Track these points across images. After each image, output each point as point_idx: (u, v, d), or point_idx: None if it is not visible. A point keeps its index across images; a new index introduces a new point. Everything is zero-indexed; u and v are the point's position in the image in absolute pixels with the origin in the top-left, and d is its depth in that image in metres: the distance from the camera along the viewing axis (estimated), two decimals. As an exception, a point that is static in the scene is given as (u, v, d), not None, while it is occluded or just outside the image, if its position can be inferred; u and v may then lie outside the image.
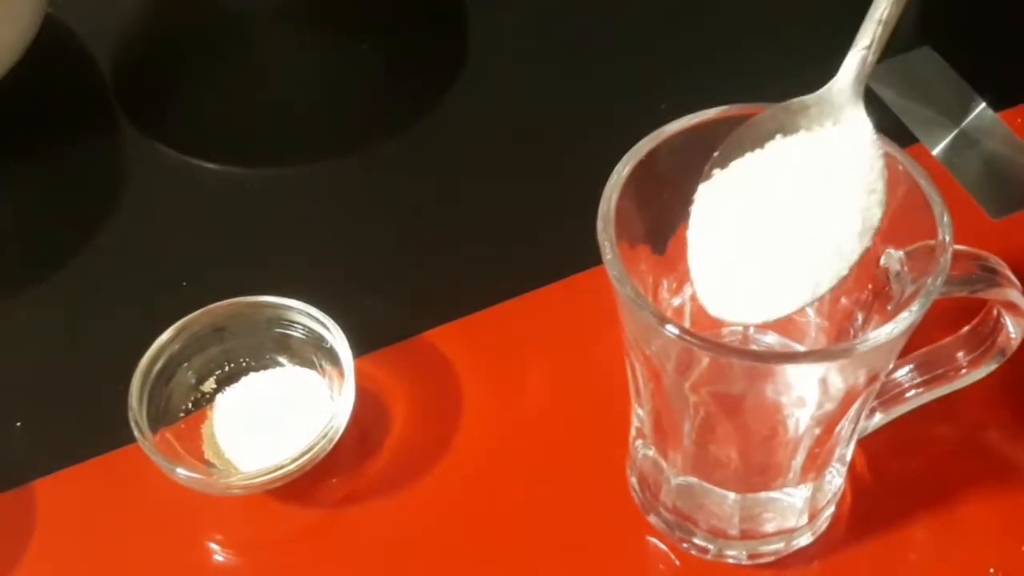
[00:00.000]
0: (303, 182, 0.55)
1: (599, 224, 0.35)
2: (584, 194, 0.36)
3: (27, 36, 0.55)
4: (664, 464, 0.40)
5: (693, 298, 0.39)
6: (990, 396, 0.44)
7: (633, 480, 0.43)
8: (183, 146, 0.55)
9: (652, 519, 0.42)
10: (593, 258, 0.35)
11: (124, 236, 0.53)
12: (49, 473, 0.44)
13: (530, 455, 0.44)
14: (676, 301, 0.39)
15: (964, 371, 0.40)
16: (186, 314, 0.45)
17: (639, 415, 0.40)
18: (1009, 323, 0.38)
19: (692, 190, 0.36)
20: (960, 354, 0.40)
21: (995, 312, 0.39)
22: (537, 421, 0.45)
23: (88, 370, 0.48)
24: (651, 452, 0.40)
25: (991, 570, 0.41)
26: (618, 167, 0.36)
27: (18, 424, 0.46)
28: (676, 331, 0.33)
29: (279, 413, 0.45)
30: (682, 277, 0.39)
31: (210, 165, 0.55)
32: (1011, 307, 0.38)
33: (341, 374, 0.44)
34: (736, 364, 0.34)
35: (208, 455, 0.44)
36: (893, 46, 0.57)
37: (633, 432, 0.42)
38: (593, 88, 0.57)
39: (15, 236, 0.53)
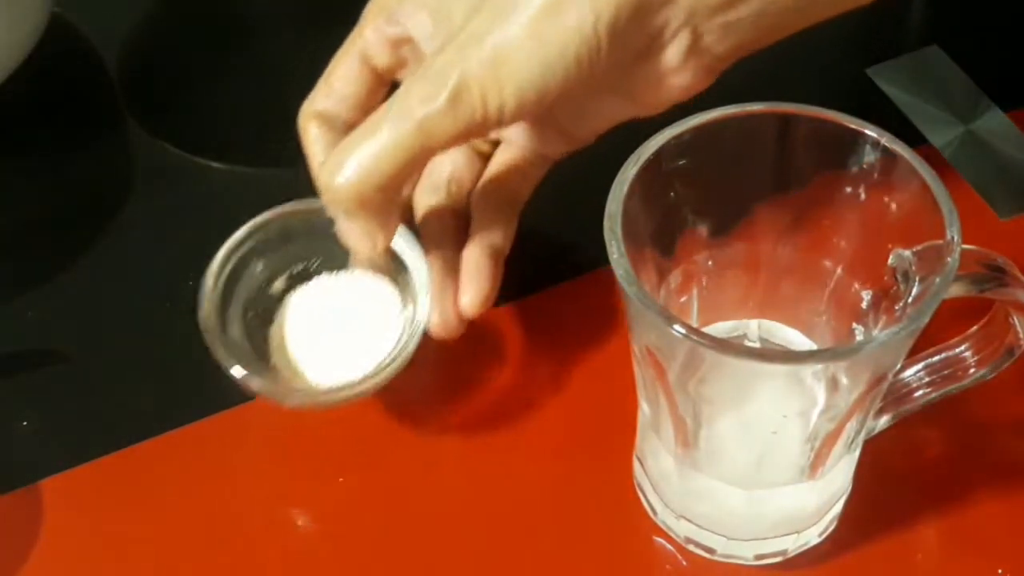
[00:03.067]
0: (309, 182, 0.55)
1: (606, 223, 0.34)
2: (588, 195, 0.36)
3: (34, 35, 0.55)
4: (670, 463, 0.40)
5: (698, 297, 0.39)
6: (998, 395, 0.44)
7: (639, 479, 0.43)
8: (190, 146, 0.56)
9: (658, 518, 0.42)
10: (598, 259, 0.35)
11: (130, 236, 0.53)
12: (56, 472, 0.44)
13: (535, 454, 0.44)
14: (681, 299, 0.39)
15: (972, 371, 0.40)
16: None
17: (645, 413, 0.40)
18: (1017, 323, 0.38)
19: (697, 190, 0.36)
20: (968, 354, 0.40)
21: (1003, 312, 0.39)
22: (542, 420, 0.45)
23: (94, 369, 0.48)
24: (657, 451, 0.40)
25: (999, 571, 0.41)
26: (625, 167, 0.36)
27: (24, 423, 0.46)
28: (683, 330, 0.33)
29: (350, 322, 0.44)
30: (687, 276, 0.39)
31: (217, 165, 0.55)
32: (1020, 307, 0.37)
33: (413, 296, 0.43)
34: (742, 363, 0.34)
35: (275, 360, 0.43)
36: (902, 45, 0.58)
37: (639, 431, 0.42)
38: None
39: (22, 236, 0.53)
